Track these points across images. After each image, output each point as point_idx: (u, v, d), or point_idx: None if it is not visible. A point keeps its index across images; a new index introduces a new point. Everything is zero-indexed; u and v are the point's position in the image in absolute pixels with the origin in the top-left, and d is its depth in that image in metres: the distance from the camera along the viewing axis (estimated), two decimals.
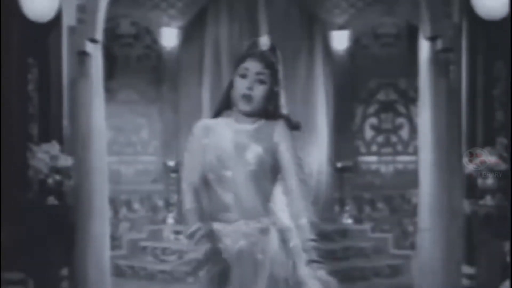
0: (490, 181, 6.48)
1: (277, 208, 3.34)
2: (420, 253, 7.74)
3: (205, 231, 3.29)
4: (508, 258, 5.99)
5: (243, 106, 3.30)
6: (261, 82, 3.33)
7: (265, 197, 3.30)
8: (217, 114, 3.48)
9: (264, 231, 3.27)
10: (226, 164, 3.30)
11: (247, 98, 3.29)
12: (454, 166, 7.08)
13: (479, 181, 6.56)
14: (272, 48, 3.46)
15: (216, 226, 3.32)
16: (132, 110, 11.20)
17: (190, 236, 3.33)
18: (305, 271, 3.28)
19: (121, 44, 10.98)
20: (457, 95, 7.11)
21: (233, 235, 3.28)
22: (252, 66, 3.32)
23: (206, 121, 3.48)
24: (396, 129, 10.98)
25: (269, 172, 3.30)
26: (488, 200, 6.51)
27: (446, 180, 7.32)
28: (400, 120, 10.99)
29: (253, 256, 3.26)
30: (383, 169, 11.22)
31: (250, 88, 3.30)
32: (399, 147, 11.00)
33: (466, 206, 6.75)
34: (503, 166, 6.42)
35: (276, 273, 3.25)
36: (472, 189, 6.71)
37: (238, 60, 3.41)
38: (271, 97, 3.40)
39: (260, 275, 3.24)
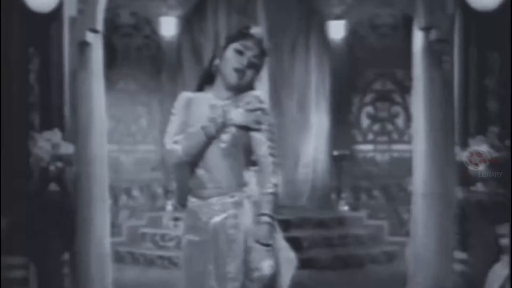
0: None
1: (251, 182, 3.49)
2: (414, 239, 7.85)
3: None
4: (499, 243, 6.13)
5: (233, 79, 3.48)
6: (254, 65, 3.50)
7: (238, 174, 3.46)
8: (199, 88, 3.64)
9: (238, 205, 3.44)
10: None
11: (241, 72, 3.46)
12: (447, 154, 7.18)
13: (471, 169, 6.69)
14: (264, 39, 3.60)
15: (193, 202, 3.48)
16: (132, 99, 11.37)
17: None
18: (280, 242, 3.45)
19: (120, 34, 11.15)
20: (450, 85, 7.20)
21: (208, 211, 3.44)
22: (250, 47, 3.49)
23: (187, 95, 3.67)
24: (392, 118, 11.21)
25: (242, 149, 3.46)
26: (480, 187, 6.63)
27: (439, 168, 7.42)
28: (396, 109, 11.21)
29: (227, 231, 3.40)
30: (379, 157, 11.41)
31: (244, 65, 3.46)
32: (395, 136, 11.23)
33: (459, 193, 6.86)
34: (495, 155, 6.55)
35: (250, 245, 3.39)
36: (464, 177, 6.81)
37: (234, 37, 3.57)
38: (253, 81, 3.55)
39: (234, 249, 3.39)
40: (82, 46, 7.52)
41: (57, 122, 6.96)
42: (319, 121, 11.72)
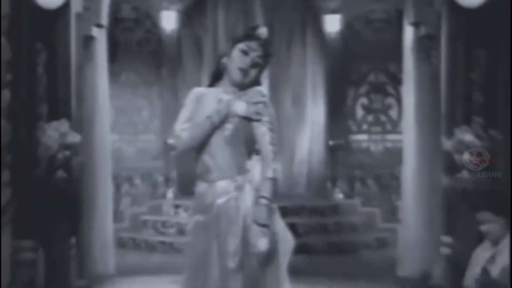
0: (466, 157, 6.87)
1: (253, 169, 3.80)
2: (404, 225, 8.10)
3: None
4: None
5: (238, 77, 3.77)
6: (257, 64, 3.79)
7: (241, 160, 3.77)
8: (211, 84, 3.95)
9: (239, 188, 3.73)
10: None
11: (245, 72, 3.76)
12: (435, 144, 7.41)
13: (456, 157, 6.92)
14: (269, 41, 3.86)
15: (200, 186, 3.80)
16: (133, 91, 11.52)
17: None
18: (279, 224, 3.76)
19: (122, 29, 11.28)
20: (438, 78, 7.43)
21: (212, 194, 3.75)
22: (255, 48, 3.75)
23: (199, 89, 4.00)
24: (385, 109, 11.38)
25: (244, 138, 3.76)
26: (465, 175, 6.87)
27: (428, 157, 7.69)
28: (389, 100, 11.35)
29: (228, 211, 3.72)
30: (373, 147, 11.58)
31: (248, 65, 3.74)
32: (388, 126, 11.38)
33: (444, 180, 7.09)
34: (478, 144, 6.81)
35: (249, 225, 3.69)
36: (450, 165, 7.02)
37: (240, 37, 3.82)
38: (258, 78, 3.85)
39: (234, 228, 3.70)
40: (87, 41, 7.75)
41: (64, 112, 7.14)
42: (315, 112, 11.86)
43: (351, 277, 8.42)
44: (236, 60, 3.74)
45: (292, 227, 9.87)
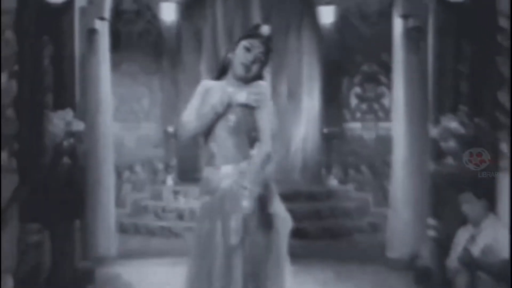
0: (451, 144, 7.13)
1: (254, 155, 4.13)
2: (393, 209, 8.36)
3: None
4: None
5: (240, 72, 4.10)
6: (259, 60, 4.12)
7: (243, 148, 4.11)
8: (217, 77, 4.28)
9: (243, 173, 4.05)
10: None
11: (247, 67, 4.08)
12: (423, 131, 7.66)
13: (442, 144, 7.18)
14: (271, 38, 4.17)
15: (207, 171, 4.12)
16: (134, 81, 11.68)
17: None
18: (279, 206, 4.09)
19: (124, 21, 11.42)
20: (426, 69, 7.68)
21: (217, 177, 4.07)
22: (257, 45, 4.08)
23: (207, 82, 4.34)
24: (378, 98, 11.59)
25: (246, 128, 4.10)
26: (450, 161, 7.11)
27: (416, 144, 7.96)
28: (382, 89, 11.51)
29: (232, 193, 4.04)
30: (366, 135, 11.78)
31: (250, 61, 4.06)
32: (381, 114, 11.56)
33: (431, 166, 7.34)
34: (463, 131, 7.07)
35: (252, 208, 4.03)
36: (436, 151, 7.26)
37: (244, 35, 4.16)
38: (261, 73, 4.18)
39: (236, 208, 4.02)
40: (91, 33, 7.99)
41: (69, 102, 7.35)
42: (310, 101, 12.04)
43: (344, 260, 8.64)
44: (240, 56, 4.06)
45: (289, 213, 10.03)
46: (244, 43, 4.05)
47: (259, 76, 4.15)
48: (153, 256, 8.92)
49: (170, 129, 11.49)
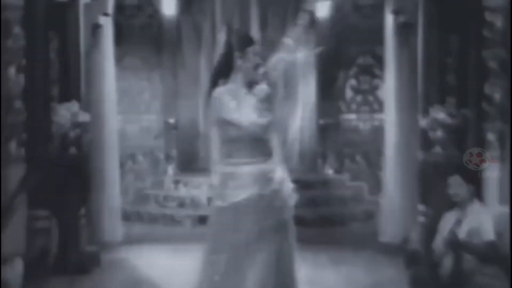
0: (439, 134, 7.44)
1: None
2: (385, 196, 8.69)
3: None
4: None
5: (253, 74, 4.52)
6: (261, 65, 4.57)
7: (263, 146, 4.57)
8: (217, 78, 4.61)
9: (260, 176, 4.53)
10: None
11: (257, 68, 4.52)
12: (413, 122, 7.98)
13: (431, 134, 7.49)
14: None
15: (224, 171, 4.53)
16: (136, 74, 11.84)
17: None
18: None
19: (125, 15, 11.59)
20: (416, 62, 7.97)
21: (238, 183, 4.50)
22: (259, 51, 4.55)
23: (219, 90, 4.60)
24: (372, 90, 11.78)
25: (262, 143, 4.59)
26: (438, 150, 7.44)
27: (406, 134, 8.27)
28: (376, 81, 11.70)
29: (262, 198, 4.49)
30: (361, 126, 11.97)
31: (260, 64, 4.53)
32: (376, 106, 11.75)
33: (420, 155, 7.67)
34: (450, 121, 7.38)
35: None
36: (424, 141, 7.60)
37: (245, 44, 4.55)
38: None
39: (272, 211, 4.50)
40: (95, 28, 8.29)
41: (74, 94, 7.69)
42: (306, 93, 12.14)
43: (338, 245, 8.92)
44: (250, 61, 4.48)
45: None
46: (251, 49, 4.45)
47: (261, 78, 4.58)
48: (156, 242, 9.18)
49: (171, 120, 11.76)
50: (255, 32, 11.93)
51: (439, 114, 7.42)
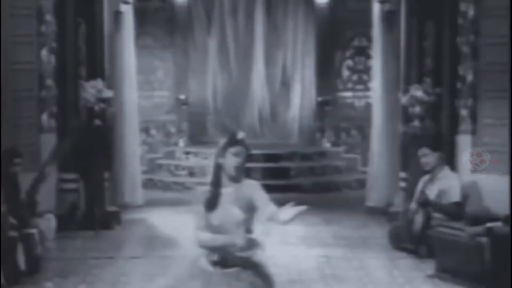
0: (417, 109, 8.29)
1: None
2: (372, 165, 9.48)
3: None
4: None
5: (234, 173, 4.18)
6: (244, 162, 4.28)
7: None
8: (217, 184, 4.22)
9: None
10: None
11: (239, 169, 4.18)
12: (395, 99, 8.76)
13: (410, 109, 8.33)
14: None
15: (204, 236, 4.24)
16: (150, 54, 12.43)
17: None
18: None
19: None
20: (398, 47, 8.75)
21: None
22: (242, 151, 4.21)
23: None
24: (367, 70, 12.38)
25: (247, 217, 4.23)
26: (416, 123, 8.30)
27: (390, 109, 9.08)
28: (371, 62, 12.31)
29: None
30: (356, 102, 12.74)
31: (240, 164, 4.17)
32: (370, 85, 12.18)
33: (401, 127, 8.52)
34: (426, 99, 8.25)
35: None
36: (405, 115, 8.43)
37: (229, 144, 4.16)
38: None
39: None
40: (117, 15, 9.08)
41: (99, 73, 8.37)
42: (306, 73, 12.86)
43: (332, 208, 9.79)
44: (231, 161, 4.15)
45: (285, 170, 10.99)
46: (232, 150, 4.18)
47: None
48: (169, 205, 9.90)
49: (182, 96, 12.44)
50: (259, 16, 12.72)
51: (417, 92, 8.22)
